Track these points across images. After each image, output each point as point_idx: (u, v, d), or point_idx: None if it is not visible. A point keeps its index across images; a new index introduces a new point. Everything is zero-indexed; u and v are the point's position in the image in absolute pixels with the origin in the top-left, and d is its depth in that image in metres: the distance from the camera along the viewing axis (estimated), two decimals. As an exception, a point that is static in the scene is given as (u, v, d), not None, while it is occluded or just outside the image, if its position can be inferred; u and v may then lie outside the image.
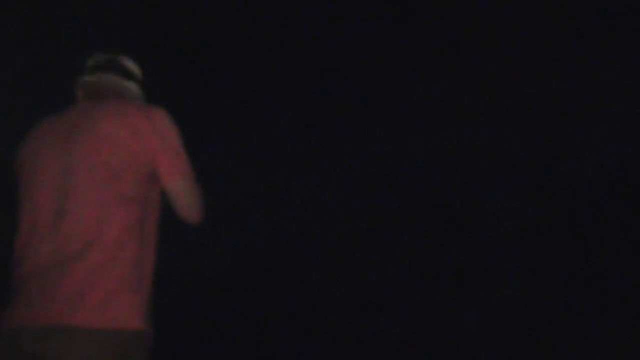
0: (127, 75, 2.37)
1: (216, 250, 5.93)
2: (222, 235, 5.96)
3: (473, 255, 6.11)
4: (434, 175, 6.21)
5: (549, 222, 6.11)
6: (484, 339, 5.95)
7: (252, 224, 6.16)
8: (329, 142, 6.19)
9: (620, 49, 5.98)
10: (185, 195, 2.17)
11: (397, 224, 6.20)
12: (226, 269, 5.97)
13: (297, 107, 6.16)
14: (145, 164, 2.10)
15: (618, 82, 5.99)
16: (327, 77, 6.11)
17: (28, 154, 2.20)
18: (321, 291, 6.09)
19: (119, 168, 2.06)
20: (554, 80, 6.11)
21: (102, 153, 2.07)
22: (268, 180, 6.17)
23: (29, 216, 2.11)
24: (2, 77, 5.16)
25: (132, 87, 2.37)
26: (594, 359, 5.70)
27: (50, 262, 2.00)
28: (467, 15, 6.01)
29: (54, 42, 5.32)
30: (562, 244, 6.04)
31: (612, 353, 5.73)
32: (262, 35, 6.01)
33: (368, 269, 6.18)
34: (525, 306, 6.01)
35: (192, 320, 5.83)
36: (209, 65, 5.99)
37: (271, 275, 6.09)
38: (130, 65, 2.39)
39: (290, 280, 6.06)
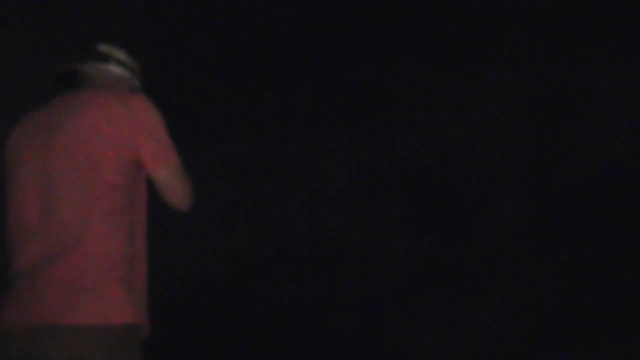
0: (103, 57, 2.31)
1: (216, 249, 5.93)
2: (223, 234, 5.96)
3: (475, 256, 6.10)
4: (435, 176, 6.20)
5: (551, 223, 6.10)
6: (486, 339, 5.95)
7: (252, 223, 6.15)
8: (330, 142, 6.19)
9: (621, 50, 5.97)
10: (170, 184, 2.11)
11: (398, 225, 6.19)
12: (226, 268, 5.97)
13: (298, 106, 6.15)
14: (127, 154, 2.05)
15: (619, 83, 5.98)
16: (326, 77, 6.10)
17: (11, 151, 2.17)
18: (322, 291, 6.08)
19: (99, 161, 2.01)
20: (555, 81, 6.11)
21: (80, 147, 2.03)
22: (268, 179, 6.17)
23: (14, 216, 2.08)
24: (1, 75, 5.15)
25: (112, 69, 2.30)
26: (600, 358, 5.69)
27: (38, 261, 1.98)
28: (466, 17, 6.01)
29: (53, 40, 5.32)
30: (565, 245, 6.03)
31: (614, 353, 5.73)
32: (262, 35, 6.01)
33: (369, 269, 6.17)
34: (527, 307, 6.00)
35: (192, 318, 5.83)
36: (209, 66, 5.99)
37: (272, 275, 6.09)
38: (107, 48, 2.33)
39: (291, 280, 6.06)
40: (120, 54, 2.33)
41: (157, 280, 2.21)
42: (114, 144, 2.03)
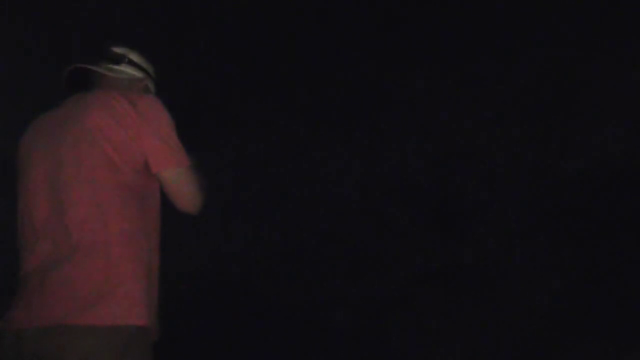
0: (116, 58, 2.30)
1: (215, 249, 5.93)
2: (222, 234, 5.95)
3: (478, 255, 6.11)
4: (437, 175, 6.21)
5: (553, 223, 6.10)
6: (487, 340, 5.95)
7: (254, 223, 6.15)
8: (331, 142, 6.19)
9: (622, 48, 5.98)
10: (175, 185, 2.10)
11: (399, 226, 6.19)
12: (228, 267, 5.96)
13: (299, 107, 6.15)
14: (136, 154, 2.04)
15: (620, 81, 5.99)
16: (327, 78, 6.10)
17: (23, 151, 2.17)
18: (325, 291, 6.08)
19: (109, 161, 2.01)
20: (555, 79, 6.12)
21: (87, 147, 2.02)
22: (271, 179, 6.17)
23: (25, 216, 2.07)
24: (4, 71, 5.16)
25: (124, 69, 2.30)
26: (601, 358, 5.70)
27: (48, 261, 1.96)
28: (465, 16, 6.01)
29: (55, 38, 5.32)
30: (567, 243, 6.03)
31: (616, 353, 5.73)
32: (263, 36, 6.01)
33: (370, 269, 6.18)
34: (529, 307, 6.01)
35: (195, 318, 5.82)
36: (208, 66, 5.99)
37: (274, 274, 6.08)
38: (121, 49, 2.32)
39: (293, 280, 6.06)
40: (134, 56, 2.33)
41: (163, 279, 2.19)
42: (121, 144, 2.02)
